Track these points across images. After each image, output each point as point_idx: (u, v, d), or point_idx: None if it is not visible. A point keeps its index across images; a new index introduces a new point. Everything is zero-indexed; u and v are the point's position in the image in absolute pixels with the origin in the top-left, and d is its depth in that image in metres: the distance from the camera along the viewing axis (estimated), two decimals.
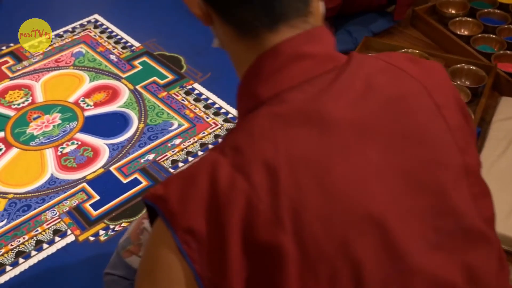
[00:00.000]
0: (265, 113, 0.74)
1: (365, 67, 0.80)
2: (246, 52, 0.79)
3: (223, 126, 2.04)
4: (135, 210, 1.78)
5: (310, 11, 0.79)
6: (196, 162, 0.76)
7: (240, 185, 0.70)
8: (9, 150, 1.99)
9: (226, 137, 0.78)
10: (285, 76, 0.77)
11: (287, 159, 0.71)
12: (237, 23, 0.78)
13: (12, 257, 1.67)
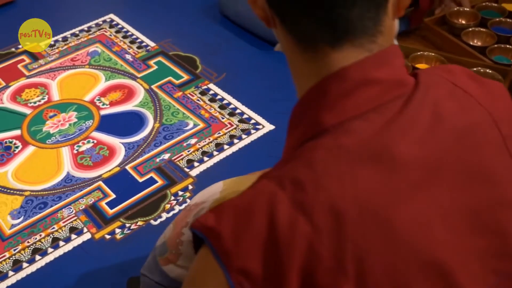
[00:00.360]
0: (330, 145, 0.69)
1: (432, 92, 0.75)
2: (304, 65, 0.74)
3: (238, 127, 2.05)
4: (151, 209, 1.78)
5: (380, 30, 0.72)
6: (250, 191, 0.70)
7: (302, 227, 0.65)
8: (25, 148, 2.00)
9: (283, 166, 0.71)
10: (351, 103, 0.71)
11: (354, 201, 0.66)
12: (297, 34, 0.73)
13: (29, 254, 1.68)
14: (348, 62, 0.71)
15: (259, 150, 1.97)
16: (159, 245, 1.32)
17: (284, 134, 2.06)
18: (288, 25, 0.73)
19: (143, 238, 1.70)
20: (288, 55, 0.78)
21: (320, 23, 0.70)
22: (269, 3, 0.74)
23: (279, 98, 2.18)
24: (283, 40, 0.76)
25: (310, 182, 0.67)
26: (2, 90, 2.26)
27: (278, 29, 0.76)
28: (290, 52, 0.76)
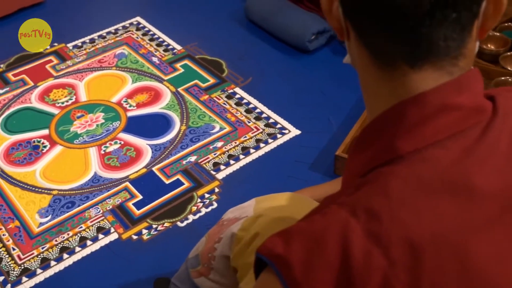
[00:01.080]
0: (406, 174, 0.66)
1: (510, 119, 0.71)
2: (379, 83, 0.71)
3: (264, 131, 2.05)
4: (178, 210, 1.79)
5: (463, 53, 0.68)
6: (320, 217, 0.67)
7: (377, 260, 0.62)
8: (53, 147, 2.02)
9: (354, 192, 0.68)
10: (429, 130, 0.67)
11: (431, 236, 0.63)
12: (375, 50, 0.69)
13: (57, 252, 1.69)
14: (427, 84, 0.68)
15: (285, 154, 1.97)
16: (191, 258, 1.33)
17: (310, 139, 2.07)
18: (365, 40, 0.70)
19: (170, 240, 1.71)
20: (360, 71, 0.74)
21: (402, 41, 0.66)
22: (347, 16, 0.71)
23: (305, 103, 2.18)
24: (357, 54, 0.73)
25: (385, 213, 0.64)
26: (31, 90, 2.28)
27: (352, 42, 0.73)
28: (364, 68, 0.72)
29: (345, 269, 0.62)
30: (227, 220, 1.30)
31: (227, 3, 2.76)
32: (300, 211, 1.16)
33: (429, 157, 0.67)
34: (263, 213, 1.20)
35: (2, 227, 1.76)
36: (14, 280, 1.62)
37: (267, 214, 1.17)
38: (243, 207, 1.29)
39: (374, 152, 0.70)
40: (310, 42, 2.37)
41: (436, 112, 0.67)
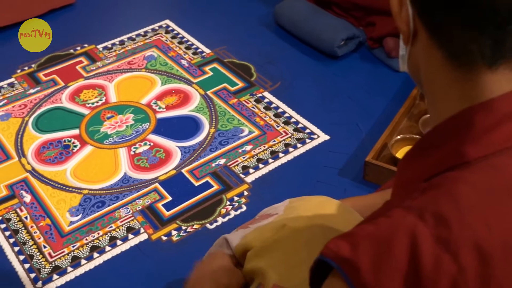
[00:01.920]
0: (474, 180, 0.66)
1: None
2: (452, 84, 0.70)
3: (293, 135, 2.05)
4: (207, 213, 1.80)
5: None
6: (386, 220, 0.67)
7: (447, 266, 0.62)
8: (83, 147, 2.04)
9: (419, 195, 0.68)
10: (498, 137, 0.68)
11: (502, 244, 0.63)
12: (453, 49, 0.69)
13: (87, 251, 1.70)
14: (501, 87, 0.68)
15: (314, 160, 1.97)
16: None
17: (339, 144, 2.08)
18: (441, 40, 0.70)
19: (199, 241, 1.72)
20: (427, 75, 0.74)
21: (486, 38, 0.66)
22: (422, 16, 0.71)
23: (334, 109, 2.18)
24: (425, 57, 0.73)
25: (454, 218, 0.64)
26: (61, 90, 2.30)
27: (420, 45, 0.73)
28: (433, 71, 0.72)
29: (414, 274, 0.62)
30: (259, 216, 1.32)
31: (255, 7, 2.77)
32: (332, 218, 1.17)
33: (497, 164, 0.66)
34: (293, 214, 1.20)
35: (33, 224, 1.78)
36: (45, 277, 1.64)
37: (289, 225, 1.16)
38: (276, 207, 1.30)
39: (440, 156, 0.70)
40: (339, 48, 2.37)
41: (505, 119, 0.67)
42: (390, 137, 1.95)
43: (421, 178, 0.70)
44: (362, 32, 2.47)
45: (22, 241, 1.73)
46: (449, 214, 0.64)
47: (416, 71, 0.77)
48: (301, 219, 1.16)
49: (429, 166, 0.70)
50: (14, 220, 1.80)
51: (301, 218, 1.17)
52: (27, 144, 2.06)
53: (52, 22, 2.69)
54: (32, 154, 2.02)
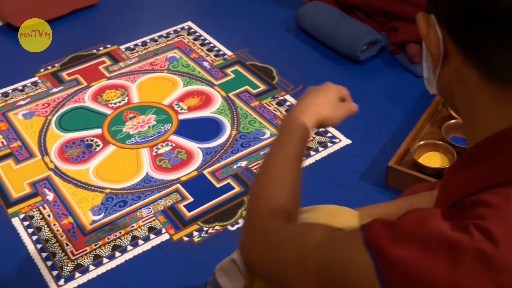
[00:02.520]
0: None
1: None
2: (492, 104, 0.70)
3: (314, 139, 2.05)
4: (228, 214, 1.80)
5: None
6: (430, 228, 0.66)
7: (485, 284, 0.61)
8: (106, 146, 2.05)
9: (466, 209, 0.67)
10: None
11: None
12: (491, 68, 0.68)
13: (109, 250, 1.71)
14: None
15: (336, 163, 1.97)
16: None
17: (361, 149, 2.07)
18: (477, 59, 0.69)
19: (221, 243, 1.72)
20: (465, 95, 0.73)
21: None
22: (456, 37, 0.70)
23: (356, 113, 2.17)
24: (461, 77, 0.72)
25: (503, 236, 0.62)
26: (84, 90, 2.32)
27: (454, 65, 0.72)
28: (472, 91, 0.71)
29: (448, 286, 0.62)
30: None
31: (277, 11, 2.78)
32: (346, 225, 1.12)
33: None
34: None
35: (56, 222, 1.79)
36: (68, 275, 1.65)
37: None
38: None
39: (486, 171, 0.69)
40: (362, 52, 2.37)
41: None
42: (412, 143, 1.95)
43: (466, 191, 0.69)
44: (385, 37, 2.47)
45: (45, 238, 1.75)
46: (497, 232, 0.62)
47: (448, 93, 0.76)
48: None
49: (474, 180, 0.69)
50: (37, 217, 1.81)
51: None
52: (50, 142, 2.08)
53: (75, 22, 2.72)
54: (55, 153, 2.03)
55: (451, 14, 0.69)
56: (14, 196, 1.88)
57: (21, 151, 2.04)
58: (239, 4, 2.84)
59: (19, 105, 2.25)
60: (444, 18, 0.71)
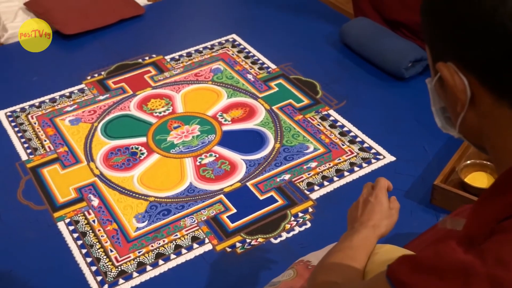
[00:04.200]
0: None
1: None
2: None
3: (358, 155, 2.05)
4: (271, 227, 1.80)
5: None
6: (447, 253, 0.68)
7: None
8: (150, 155, 2.07)
9: (487, 236, 0.68)
10: None
11: None
12: None
13: (153, 258, 1.72)
14: None
15: None
16: (274, 281, 1.34)
17: (405, 166, 2.06)
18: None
19: (263, 255, 1.72)
20: (498, 134, 0.73)
21: None
22: (487, 80, 0.70)
23: (399, 130, 2.17)
24: (493, 118, 0.72)
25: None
26: (129, 98, 2.35)
27: (483, 107, 0.72)
28: (506, 129, 0.71)
29: None
30: (312, 266, 1.29)
31: (321, 26, 2.79)
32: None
33: None
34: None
35: (100, 228, 1.81)
36: (111, 281, 1.66)
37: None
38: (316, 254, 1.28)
39: (510, 201, 0.69)
40: (406, 70, 2.36)
41: None
42: (458, 162, 1.93)
43: (493, 220, 0.70)
44: None
45: (90, 244, 1.77)
46: (510, 256, 0.63)
47: (475, 134, 0.76)
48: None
49: (500, 209, 0.70)
50: (82, 222, 1.83)
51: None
52: (96, 149, 2.11)
53: (122, 32, 2.76)
54: (100, 159, 2.06)
55: (480, 59, 0.69)
56: (60, 200, 1.91)
57: (68, 156, 2.08)
58: (283, 18, 2.86)
59: (66, 111, 2.29)
60: (471, 64, 0.70)
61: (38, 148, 2.11)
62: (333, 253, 1.07)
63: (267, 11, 2.92)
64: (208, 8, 3.03)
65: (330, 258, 1.06)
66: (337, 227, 1.77)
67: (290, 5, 2.96)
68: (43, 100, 2.35)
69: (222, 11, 3.02)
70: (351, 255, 1.06)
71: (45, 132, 2.18)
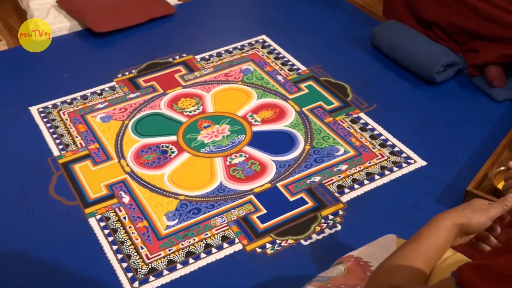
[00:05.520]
0: None
1: None
2: None
3: (389, 159, 2.03)
4: (301, 228, 1.80)
5: None
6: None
7: None
8: (181, 153, 2.08)
9: None
10: None
11: None
12: None
13: (183, 256, 1.73)
14: None
15: (411, 185, 1.94)
16: (321, 276, 1.32)
17: (436, 171, 2.06)
18: None
19: (293, 257, 1.72)
20: None
21: None
22: None
23: (430, 135, 2.15)
24: None
25: None
26: (160, 97, 2.36)
27: None
28: None
29: None
30: (364, 262, 1.27)
31: (351, 28, 2.78)
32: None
33: None
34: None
35: (131, 225, 1.82)
36: (142, 278, 1.67)
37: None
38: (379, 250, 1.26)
39: None
40: (438, 74, 2.34)
41: None
42: (491, 168, 1.91)
43: None
44: (462, 58, 2.43)
45: (121, 240, 1.78)
46: None
47: None
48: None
49: None
50: (113, 219, 1.85)
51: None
52: (127, 146, 2.12)
53: (153, 31, 2.78)
54: (131, 157, 2.07)
55: None
56: (92, 196, 1.92)
57: (99, 153, 2.09)
58: (313, 20, 2.85)
59: (97, 108, 2.30)
60: None
61: (69, 144, 2.13)
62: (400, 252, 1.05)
63: (296, 12, 2.92)
64: (238, 8, 3.03)
65: (396, 258, 1.04)
66: (368, 230, 1.77)
67: (319, 7, 2.96)
68: (74, 97, 2.37)
69: (251, 12, 3.02)
70: (420, 255, 1.03)
71: (76, 129, 2.20)
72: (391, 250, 1.15)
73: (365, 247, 1.29)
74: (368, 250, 1.27)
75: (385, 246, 1.25)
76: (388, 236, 1.30)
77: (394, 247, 1.22)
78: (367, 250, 1.27)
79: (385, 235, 1.31)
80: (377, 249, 1.26)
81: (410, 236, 1.09)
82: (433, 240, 1.04)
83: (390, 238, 1.29)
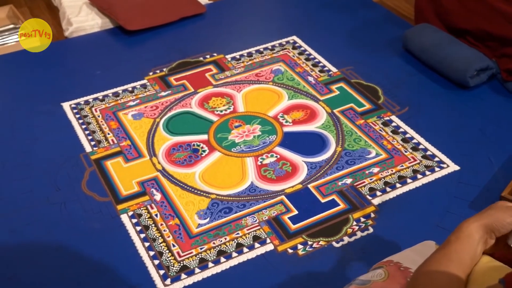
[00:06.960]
0: None
1: None
2: None
3: (421, 162, 2.02)
4: (333, 230, 1.79)
5: None
6: None
7: None
8: (212, 152, 2.09)
9: None
10: None
11: None
12: None
13: (214, 254, 1.73)
14: None
15: (443, 189, 1.93)
16: (361, 279, 1.31)
17: (470, 176, 2.04)
18: None
19: (325, 258, 1.71)
20: None
21: None
22: None
23: (463, 139, 2.13)
24: None
25: None
26: (191, 96, 2.37)
27: None
28: None
29: None
30: (404, 267, 1.26)
31: (383, 31, 2.76)
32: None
33: None
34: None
35: (163, 222, 1.83)
36: (174, 275, 1.67)
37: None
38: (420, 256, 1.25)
39: None
40: (472, 78, 2.32)
41: None
42: None
43: None
44: (495, 63, 2.41)
45: (152, 237, 1.78)
46: None
47: None
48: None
49: None
50: (145, 216, 1.85)
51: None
52: (158, 144, 2.13)
53: (183, 30, 2.79)
54: (162, 154, 2.08)
55: None
56: (124, 193, 1.93)
57: (131, 150, 2.10)
58: (343, 22, 2.84)
59: (129, 106, 2.32)
60: None
61: (101, 141, 2.14)
62: (433, 258, 1.05)
63: (327, 14, 2.91)
64: (268, 9, 3.04)
65: (430, 264, 1.04)
66: (400, 234, 1.76)
67: (350, 9, 2.95)
68: (106, 94, 2.39)
69: (282, 12, 3.02)
70: (452, 259, 1.03)
71: (108, 125, 2.22)
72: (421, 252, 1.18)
73: (405, 252, 1.28)
74: (409, 255, 1.26)
75: (425, 253, 1.23)
76: (427, 243, 1.30)
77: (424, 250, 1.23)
78: (407, 256, 1.26)
79: (424, 241, 1.31)
80: (417, 255, 1.25)
81: (443, 241, 1.09)
82: (462, 242, 1.05)
83: (429, 244, 1.28)
